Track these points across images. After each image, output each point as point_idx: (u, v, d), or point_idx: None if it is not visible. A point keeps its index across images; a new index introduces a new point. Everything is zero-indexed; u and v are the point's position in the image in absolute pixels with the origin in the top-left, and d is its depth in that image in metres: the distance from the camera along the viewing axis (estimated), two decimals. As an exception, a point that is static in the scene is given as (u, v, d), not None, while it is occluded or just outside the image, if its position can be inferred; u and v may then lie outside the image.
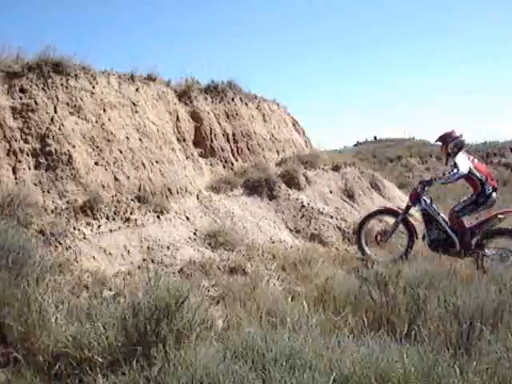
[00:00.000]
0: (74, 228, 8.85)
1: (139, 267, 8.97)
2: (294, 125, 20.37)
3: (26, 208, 8.40)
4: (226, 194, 13.58)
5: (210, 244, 10.59)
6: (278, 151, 17.43)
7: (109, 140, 10.71)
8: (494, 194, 9.70)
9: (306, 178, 15.55)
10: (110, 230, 9.41)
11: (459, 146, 9.84)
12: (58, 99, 10.43)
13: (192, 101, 15.08)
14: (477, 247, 9.49)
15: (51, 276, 6.81)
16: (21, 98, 10.14)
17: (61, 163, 9.75)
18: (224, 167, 15.03)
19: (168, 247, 9.75)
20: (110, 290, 7.71)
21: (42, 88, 10.40)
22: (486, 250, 9.47)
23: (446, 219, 9.82)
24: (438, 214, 10.01)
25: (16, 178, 9.39)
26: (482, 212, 9.95)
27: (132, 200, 10.27)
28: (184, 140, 13.83)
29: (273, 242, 11.93)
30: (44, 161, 9.72)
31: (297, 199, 14.25)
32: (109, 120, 11.00)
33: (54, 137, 9.92)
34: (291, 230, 13.24)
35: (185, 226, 10.93)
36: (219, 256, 10.13)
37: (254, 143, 16.43)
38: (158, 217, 10.40)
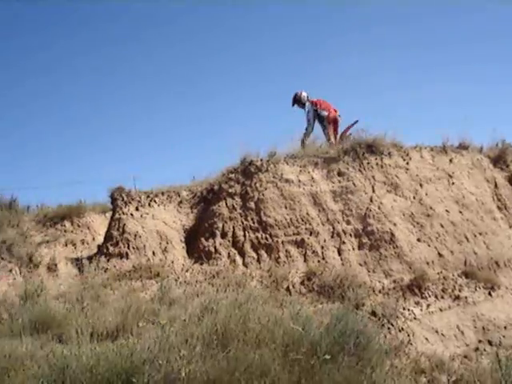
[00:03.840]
0: (404, 308, 8.61)
1: (476, 349, 8.28)
2: None
3: (356, 289, 8.48)
4: None
5: (551, 322, 9.36)
6: None
7: (428, 215, 10.41)
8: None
9: None
10: (440, 309, 8.92)
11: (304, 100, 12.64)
12: (374, 179, 10.60)
13: (508, 165, 14.01)
14: None
15: (389, 360, 6.61)
16: (339, 182, 10.58)
17: (383, 242, 9.75)
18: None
19: (505, 327, 8.86)
20: (449, 375, 7.21)
21: (359, 169, 10.71)
22: None
23: None
24: None
25: (342, 260, 9.66)
26: None
27: (459, 276, 9.68)
28: (505, 207, 12.79)
29: None
30: (367, 240, 9.84)
31: None
32: (426, 195, 10.74)
33: (374, 216, 10.02)
34: None
35: (519, 303, 9.89)
36: None
37: None
38: (490, 293, 9.57)
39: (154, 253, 10.56)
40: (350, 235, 9.93)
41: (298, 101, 12.67)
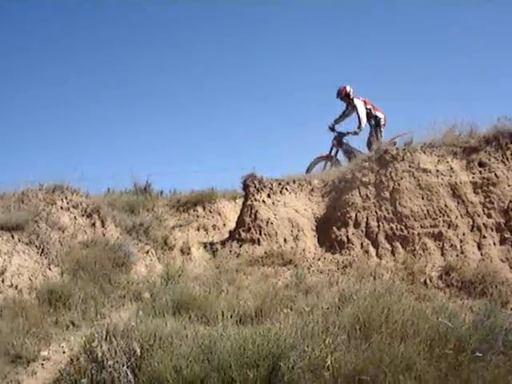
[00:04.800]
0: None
1: None
2: None
3: (499, 286, 8.09)
4: None
5: None
6: None
7: None
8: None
9: None
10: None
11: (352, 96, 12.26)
12: (517, 171, 10.01)
13: None
14: None
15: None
16: (480, 173, 10.09)
17: (528, 238, 9.22)
18: None
19: None
20: None
21: (501, 160, 10.15)
22: None
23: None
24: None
25: (482, 255, 9.24)
26: None
27: None
28: None
29: None
30: (509, 235, 9.33)
31: None
32: None
33: (518, 210, 9.49)
34: None
35: None
36: None
37: None
38: None
39: (285, 240, 10.65)
40: (492, 229, 9.46)
41: (346, 95, 12.33)
